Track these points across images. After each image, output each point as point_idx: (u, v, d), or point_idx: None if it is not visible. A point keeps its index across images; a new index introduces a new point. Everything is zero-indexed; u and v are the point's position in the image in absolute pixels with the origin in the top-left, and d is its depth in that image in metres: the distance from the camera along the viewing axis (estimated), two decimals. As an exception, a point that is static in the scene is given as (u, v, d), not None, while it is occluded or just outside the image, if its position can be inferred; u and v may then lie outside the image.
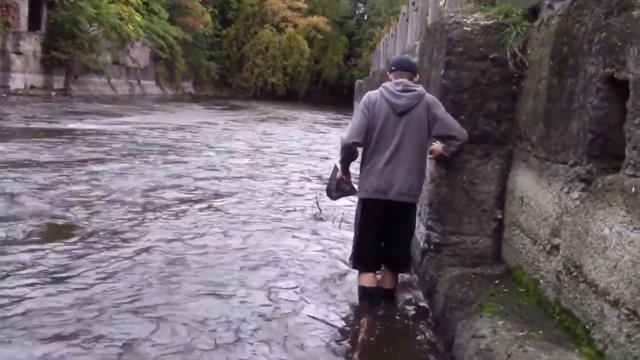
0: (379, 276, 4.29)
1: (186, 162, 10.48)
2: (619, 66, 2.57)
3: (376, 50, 34.08)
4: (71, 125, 15.11)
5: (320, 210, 7.01)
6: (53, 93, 26.04)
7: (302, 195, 8.30)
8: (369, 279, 4.19)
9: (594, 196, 2.69)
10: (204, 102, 34.63)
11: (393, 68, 4.29)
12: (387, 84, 4.18)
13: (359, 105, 4.27)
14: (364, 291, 4.20)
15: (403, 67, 4.26)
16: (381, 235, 4.22)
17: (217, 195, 7.79)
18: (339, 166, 4.57)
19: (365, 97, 4.20)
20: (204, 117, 22.54)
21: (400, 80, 4.13)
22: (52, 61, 26.32)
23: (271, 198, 7.89)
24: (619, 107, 2.63)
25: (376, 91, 4.19)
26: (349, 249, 4.75)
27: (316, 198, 7.23)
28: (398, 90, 4.05)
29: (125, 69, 34.59)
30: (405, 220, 4.22)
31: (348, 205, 6.48)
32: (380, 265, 4.32)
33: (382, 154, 4.02)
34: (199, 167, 10.01)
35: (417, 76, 4.40)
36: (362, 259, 4.25)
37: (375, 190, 4.04)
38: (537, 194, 3.49)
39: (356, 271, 4.38)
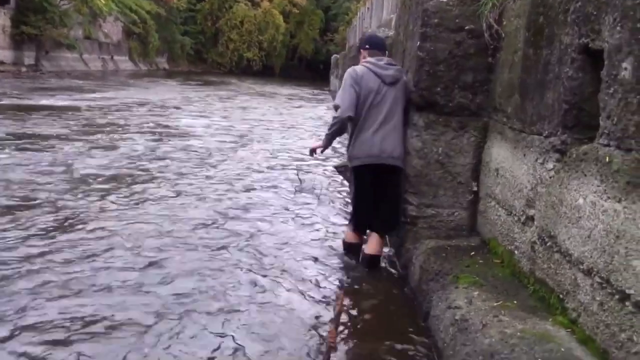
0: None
1: (166, 138, 10.36)
2: (594, 36, 2.55)
3: (352, 24, 33.86)
4: (43, 102, 14.80)
5: (302, 182, 7.13)
6: (24, 69, 25.51)
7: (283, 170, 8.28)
8: (353, 237, 4.59)
9: (568, 166, 2.69)
10: (179, 77, 34.19)
11: (367, 46, 4.57)
12: (370, 59, 4.44)
13: (345, 81, 4.41)
14: (347, 247, 4.61)
15: (378, 46, 4.59)
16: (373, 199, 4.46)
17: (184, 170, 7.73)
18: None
19: (351, 72, 4.40)
20: (179, 93, 22.25)
21: (379, 57, 4.46)
22: (22, 36, 25.76)
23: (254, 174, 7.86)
24: (594, 77, 2.63)
25: (359, 67, 4.42)
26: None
27: (297, 172, 7.34)
28: (384, 64, 4.40)
29: (97, 44, 34.00)
30: (397, 183, 4.45)
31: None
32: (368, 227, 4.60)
33: (373, 123, 4.28)
34: (172, 142, 9.91)
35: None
36: (359, 220, 4.56)
37: (369, 156, 4.31)
38: (512, 165, 3.50)
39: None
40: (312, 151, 4.86)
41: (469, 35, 4.10)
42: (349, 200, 5.03)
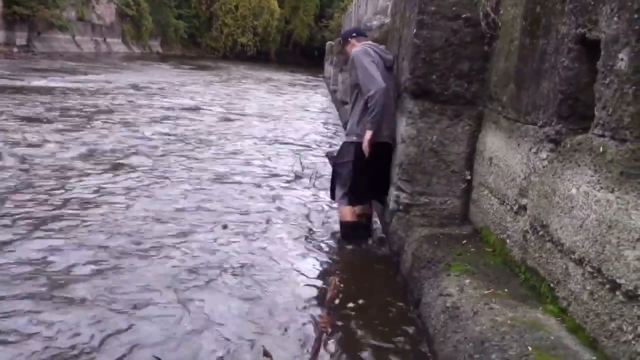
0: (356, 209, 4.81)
1: (164, 122, 10.32)
2: (591, 26, 2.55)
3: (348, 11, 33.68)
4: (35, 83, 14.68)
5: (303, 168, 7.25)
6: (15, 49, 25.22)
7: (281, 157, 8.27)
8: (351, 214, 4.76)
9: (562, 156, 2.70)
10: (172, 61, 33.95)
11: (354, 34, 4.95)
12: (369, 42, 4.78)
13: (360, 61, 4.51)
14: (347, 225, 4.77)
15: (363, 34, 5.05)
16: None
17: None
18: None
19: (363, 52, 4.57)
20: (174, 77, 22.11)
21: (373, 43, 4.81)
22: (14, 16, 25.42)
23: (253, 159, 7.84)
24: (590, 68, 2.63)
25: (365, 46, 4.65)
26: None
27: (299, 156, 7.40)
28: (384, 49, 4.76)
29: (90, 26, 33.66)
30: (389, 158, 4.74)
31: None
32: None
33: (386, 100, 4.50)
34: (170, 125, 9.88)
35: None
36: (357, 195, 4.78)
37: (378, 135, 4.54)
38: (506, 154, 3.51)
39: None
40: (367, 147, 4.54)
41: (465, 24, 4.09)
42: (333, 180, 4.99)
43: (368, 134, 4.48)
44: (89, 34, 33.54)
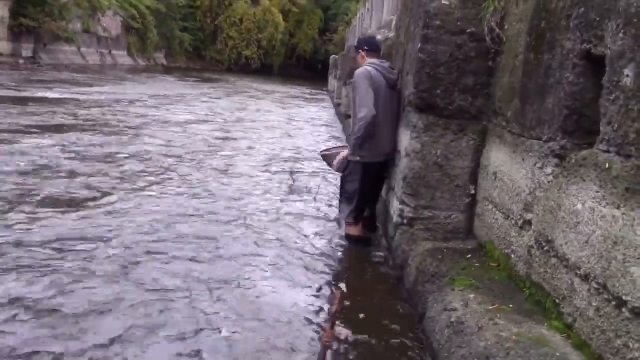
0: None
1: (166, 134, 10.35)
2: (596, 42, 2.56)
3: (352, 25, 33.87)
4: (40, 94, 14.76)
5: (294, 182, 7.15)
6: (21, 61, 25.35)
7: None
8: (358, 230, 5.01)
9: (567, 172, 2.70)
10: (177, 74, 34.13)
11: (366, 47, 4.99)
12: (375, 61, 4.86)
13: (361, 84, 4.71)
14: (356, 240, 5.01)
15: (376, 48, 5.06)
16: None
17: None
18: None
19: (364, 73, 4.72)
20: (179, 89, 22.20)
21: (381, 59, 4.95)
22: (21, 28, 25.56)
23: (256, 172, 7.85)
24: (595, 83, 2.63)
25: (369, 68, 4.78)
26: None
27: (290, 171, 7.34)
28: (388, 67, 4.88)
29: (96, 38, 33.87)
30: (385, 173, 5.12)
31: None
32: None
33: (385, 123, 4.76)
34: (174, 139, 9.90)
35: None
36: (361, 212, 4.99)
37: (384, 154, 4.88)
38: (511, 169, 3.51)
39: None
40: (342, 163, 4.99)
41: (470, 39, 4.11)
42: (340, 195, 5.21)
43: (346, 152, 4.93)
44: (95, 46, 33.74)
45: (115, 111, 13.12)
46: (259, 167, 8.17)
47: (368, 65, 4.80)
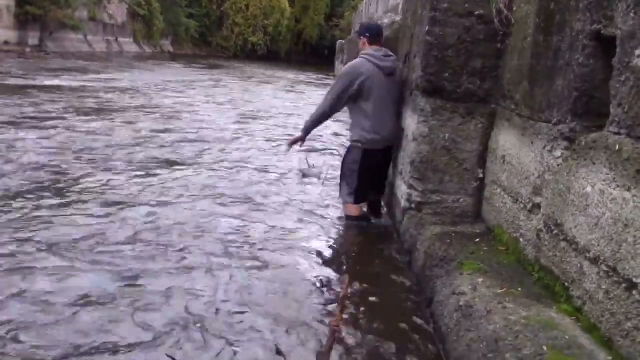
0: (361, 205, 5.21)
1: (177, 119, 10.35)
2: (606, 22, 2.53)
3: (358, 10, 33.67)
4: (47, 82, 14.78)
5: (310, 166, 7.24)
6: (28, 49, 25.37)
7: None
8: (357, 210, 5.11)
9: (577, 154, 2.68)
10: (183, 60, 34.05)
11: (367, 35, 5.04)
12: (369, 51, 4.96)
13: (340, 75, 5.08)
14: (355, 219, 5.10)
15: (377, 36, 5.07)
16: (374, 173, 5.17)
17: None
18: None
19: (353, 66, 4.94)
20: (185, 76, 22.17)
21: (378, 47, 4.99)
22: (27, 16, 25.55)
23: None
24: (605, 65, 2.60)
25: (361, 59, 4.91)
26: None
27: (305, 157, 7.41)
28: (382, 56, 4.92)
29: (102, 26, 33.80)
30: (390, 159, 5.26)
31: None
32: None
33: (381, 111, 4.87)
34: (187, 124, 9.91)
35: None
36: (362, 194, 5.10)
37: (382, 140, 4.97)
38: (520, 152, 3.48)
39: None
40: (292, 144, 5.46)
41: (478, 21, 4.07)
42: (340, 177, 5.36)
43: (300, 135, 5.29)
44: (101, 34, 33.68)
45: (156, 94, 13.14)
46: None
47: (362, 57, 4.94)
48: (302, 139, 5.33)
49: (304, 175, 6.88)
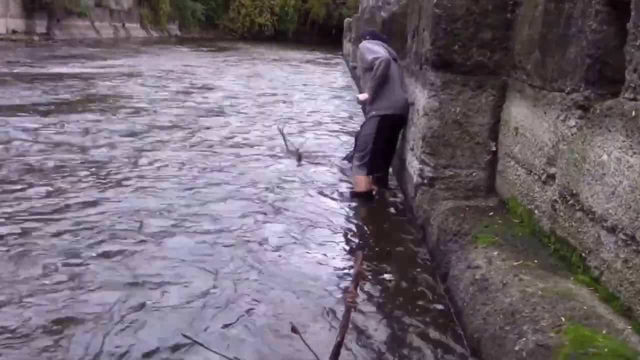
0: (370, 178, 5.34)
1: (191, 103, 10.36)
2: (619, -14, 2.47)
3: (365, -13, 33.28)
4: (56, 70, 14.79)
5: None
6: (36, 37, 25.34)
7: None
8: (366, 183, 5.24)
9: (591, 122, 2.63)
10: (191, 44, 33.88)
11: (368, 37, 5.70)
12: (378, 42, 5.56)
13: (365, 47, 5.45)
14: (360, 195, 5.21)
15: (376, 34, 5.98)
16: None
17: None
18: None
19: (367, 43, 5.50)
20: (192, 60, 22.09)
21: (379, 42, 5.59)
22: (34, 4, 25.51)
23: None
24: (618, 30, 2.55)
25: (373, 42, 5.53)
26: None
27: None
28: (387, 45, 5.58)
29: (108, 12, 33.70)
30: (397, 135, 5.58)
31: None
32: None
33: (395, 83, 5.28)
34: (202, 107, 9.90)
35: None
36: (373, 165, 5.28)
37: (399, 107, 5.25)
38: (533, 123, 3.43)
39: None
40: (361, 101, 5.54)
41: (487, -9, 4.00)
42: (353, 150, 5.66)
43: (364, 95, 5.35)
44: (108, 20, 33.58)
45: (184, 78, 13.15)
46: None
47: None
48: (370, 95, 5.32)
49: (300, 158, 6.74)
